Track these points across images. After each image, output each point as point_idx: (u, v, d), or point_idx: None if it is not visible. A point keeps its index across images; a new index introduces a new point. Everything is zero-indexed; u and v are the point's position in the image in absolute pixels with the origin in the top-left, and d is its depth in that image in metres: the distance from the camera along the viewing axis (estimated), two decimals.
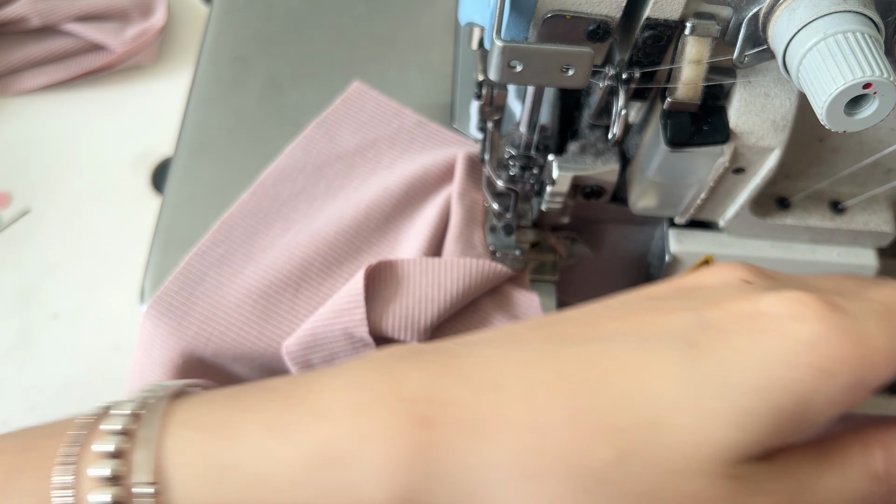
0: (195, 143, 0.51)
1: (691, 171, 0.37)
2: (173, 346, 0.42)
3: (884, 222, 0.41)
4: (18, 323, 0.73)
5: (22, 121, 0.85)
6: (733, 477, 0.23)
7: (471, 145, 0.49)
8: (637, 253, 0.47)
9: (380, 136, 0.50)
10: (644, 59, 0.33)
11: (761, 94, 0.35)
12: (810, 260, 0.42)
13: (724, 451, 0.23)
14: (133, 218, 0.79)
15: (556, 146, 0.42)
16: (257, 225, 0.46)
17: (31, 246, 0.75)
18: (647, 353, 0.23)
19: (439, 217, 0.45)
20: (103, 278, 0.76)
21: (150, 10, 0.92)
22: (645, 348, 0.23)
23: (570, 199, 0.42)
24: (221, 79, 0.53)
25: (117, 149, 0.85)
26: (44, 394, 0.71)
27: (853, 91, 0.25)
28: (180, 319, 0.42)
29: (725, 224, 0.41)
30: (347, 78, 0.53)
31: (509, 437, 0.23)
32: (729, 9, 0.31)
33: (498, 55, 0.29)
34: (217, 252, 0.45)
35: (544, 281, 0.45)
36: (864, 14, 0.26)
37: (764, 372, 0.23)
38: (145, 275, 0.46)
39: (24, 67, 0.88)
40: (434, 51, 0.55)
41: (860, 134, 0.38)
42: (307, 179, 0.48)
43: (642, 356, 0.23)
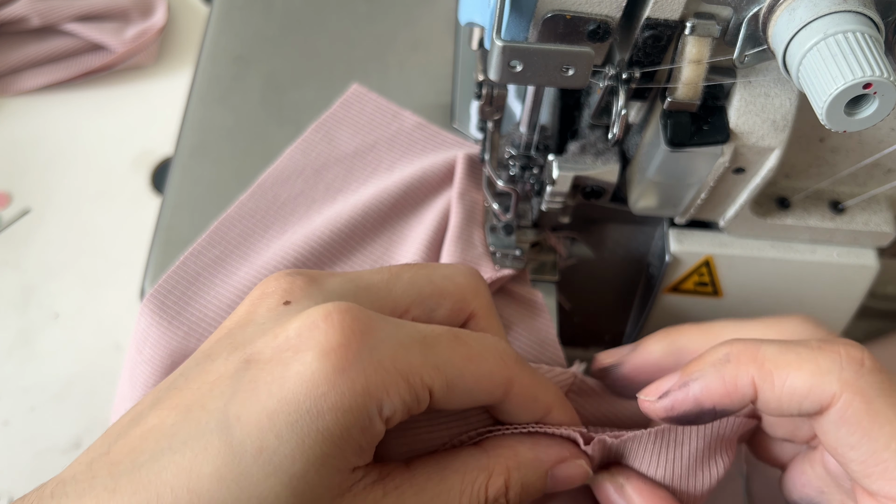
0: (195, 143, 0.51)
1: (691, 171, 0.37)
2: (164, 345, 0.42)
3: (884, 222, 0.41)
4: (18, 323, 0.73)
5: (22, 121, 0.85)
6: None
7: (471, 146, 0.49)
8: (637, 253, 0.47)
9: (379, 138, 0.50)
10: (644, 59, 0.33)
11: (761, 94, 0.35)
12: (810, 260, 0.42)
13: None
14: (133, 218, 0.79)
15: (556, 146, 0.42)
16: (254, 227, 0.46)
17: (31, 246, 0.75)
18: (191, 455, 0.24)
19: (439, 218, 0.45)
20: (103, 278, 0.76)
21: (150, 10, 0.92)
22: (188, 447, 0.24)
23: (570, 199, 0.42)
24: (221, 79, 0.53)
25: (117, 149, 0.85)
26: (44, 394, 0.71)
27: (853, 91, 0.25)
28: (171, 319, 0.42)
29: (725, 224, 0.41)
30: (347, 78, 0.53)
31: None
32: (729, 9, 0.31)
33: (498, 55, 0.29)
34: (212, 253, 0.45)
35: (544, 281, 0.45)
36: (864, 14, 0.26)
37: (277, 419, 0.24)
38: (145, 275, 0.46)
39: (24, 67, 0.88)
40: (434, 51, 0.55)
41: (860, 134, 0.38)
42: (306, 182, 0.48)
43: (189, 459, 0.24)
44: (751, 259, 0.42)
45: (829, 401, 0.26)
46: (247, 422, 0.24)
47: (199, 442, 0.24)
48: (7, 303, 0.72)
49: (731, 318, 0.32)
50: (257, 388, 0.24)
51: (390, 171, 0.48)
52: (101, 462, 0.25)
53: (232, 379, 0.25)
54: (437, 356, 0.26)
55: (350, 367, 0.24)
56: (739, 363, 0.27)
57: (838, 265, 0.42)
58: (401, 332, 0.26)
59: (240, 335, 0.27)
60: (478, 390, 0.27)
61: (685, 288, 0.44)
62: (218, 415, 0.24)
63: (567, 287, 0.47)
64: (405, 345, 0.26)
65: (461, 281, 0.31)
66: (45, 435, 0.69)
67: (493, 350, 0.28)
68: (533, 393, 0.29)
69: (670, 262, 0.42)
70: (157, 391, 0.27)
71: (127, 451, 0.25)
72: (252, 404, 0.24)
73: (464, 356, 0.27)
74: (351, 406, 0.24)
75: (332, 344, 0.24)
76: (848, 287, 0.43)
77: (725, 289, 0.43)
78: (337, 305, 0.26)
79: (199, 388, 0.25)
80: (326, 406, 0.24)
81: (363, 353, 0.25)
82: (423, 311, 0.30)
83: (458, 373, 0.26)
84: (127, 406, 0.44)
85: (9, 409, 0.70)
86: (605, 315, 0.50)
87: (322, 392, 0.24)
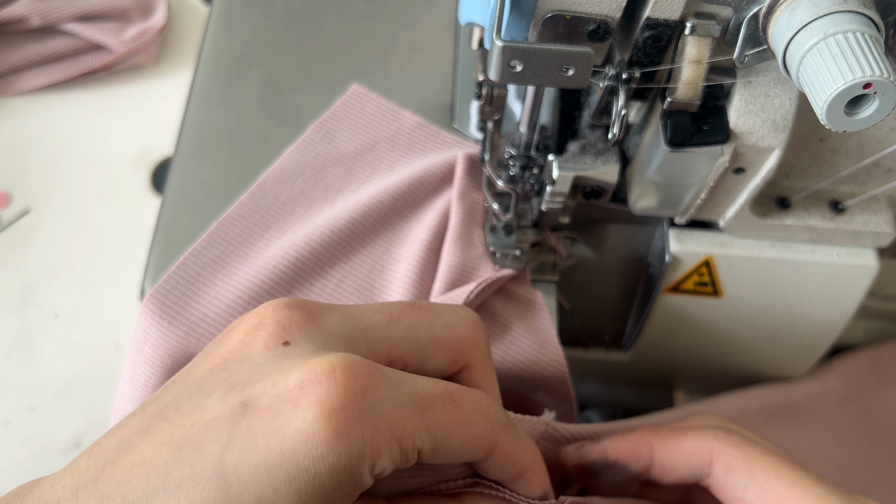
0: (195, 143, 0.51)
1: (691, 171, 0.37)
2: (164, 345, 0.42)
3: (884, 222, 0.41)
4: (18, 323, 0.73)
5: (22, 121, 0.85)
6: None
7: (471, 146, 0.49)
8: (637, 253, 0.47)
9: (379, 138, 0.50)
10: (644, 59, 0.33)
11: (761, 94, 0.35)
12: (810, 260, 0.42)
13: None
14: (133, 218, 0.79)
15: (556, 146, 0.42)
16: (254, 227, 0.46)
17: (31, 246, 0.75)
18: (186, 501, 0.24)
19: (439, 218, 0.45)
20: (103, 278, 0.76)
21: (150, 10, 0.92)
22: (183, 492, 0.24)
23: (570, 199, 0.42)
24: (221, 79, 0.53)
25: (117, 149, 0.85)
26: (44, 394, 0.71)
27: (853, 91, 0.25)
28: (171, 319, 0.42)
29: (725, 224, 0.41)
30: (347, 78, 0.53)
31: None
32: (729, 9, 0.31)
33: (498, 55, 0.29)
34: (212, 253, 0.45)
35: (544, 281, 0.45)
36: (864, 14, 0.26)
37: (275, 475, 0.24)
38: (145, 275, 0.46)
39: (24, 67, 0.88)
40: (434, 51, 0.55)
41: (860, 134, 0.38)
42: (306, 182, 0.48)
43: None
44: (751, 259, 0.42)
45: (709, 456, 0.32)
46: (244, 474, 0.24)
47: (194, 488, 0.24)
48: (7, 303, 0.72)
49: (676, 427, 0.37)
50: (255, 438, 0.24)
51: (390, 171, 0.48)
52: (89, 491, 0.25)
53: (228, 423, 0.25)
54: (431, 420, 0.27)
55: (349, 430, 0.24)
56: (642, 432, 0.34)
57: (838, 265, 0.42)
58: (400, 393, 0.26)
59: (236, 372, 0.27)
60: (463, 452, 0.28)
61: (685, 288, 0.44)
62: (214, 461, 0.24)
63: (567, 287, 0.47)
64: (402, 407, 0.26)
65: (461, 331, 0.31)
66: (45, 435, 0.69)
67: (483, 414, 0.28)
68: (513, 456, 0.30)
69: (670, 262, 0.42)
70: (145, 414, 0.27)
71: (116, 484, 0.25)
72: (250, 456, 0.24)
73: (455, 420, 0.27)
74: (346, 467, 0.24)
75: (333, 404, 0.24)
76: (848, 287, 0.43)
77: (725, 289, 0.43)
78: (340, 360, 0.25)
79: (192, 426, 0.25)
80: (324, 466, 0.24)
81: (363, 415, 0.25)
82: (418, 358, 0.30)
83: (448, 436, 0.27)
84: (127, 406, 0.44)
85: (9, 409, 0.70)
86: (605, 315, 0.50)
87: (321, 453, 0.24)
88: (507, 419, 0.30)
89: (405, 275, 0.43)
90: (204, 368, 0.28)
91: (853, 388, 0.51)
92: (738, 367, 0.50)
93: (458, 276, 0.42)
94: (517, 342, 0.42)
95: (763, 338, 0.47)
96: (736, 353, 0.49)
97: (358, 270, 0.45)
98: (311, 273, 0.44)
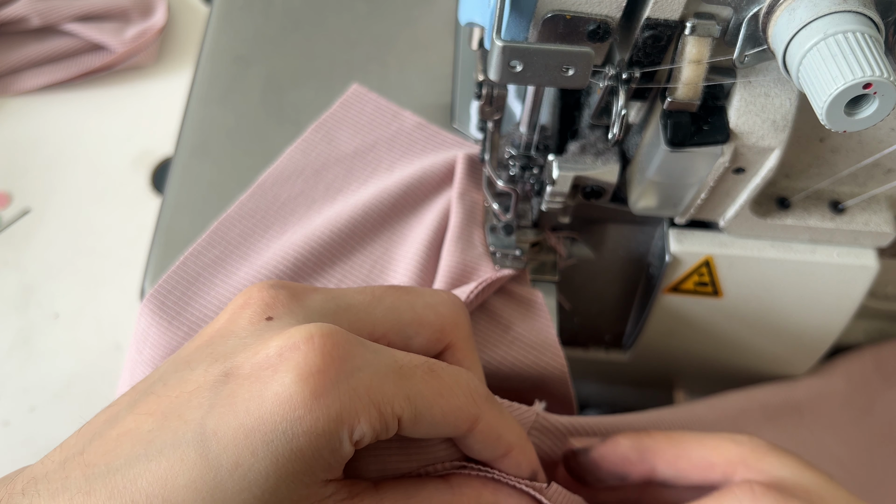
0: (195, 143, 0.51)
1: (691, 171, 0.37)
2: (164, 345, 0.42)
3: (884, 222, 0.41)
4: (18, 323, 0.73)
5: (22, 121, 0.85)
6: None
7: (471, 146, 0.49)
8: (637, 253, 0.47)
9: (379, 138, 0.50)
10: (644, 59, 0.33)
11: (761, 94, 0.35)
12: (810, 260, 0.42)
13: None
14: (133, 218, 0.79)
15: (556, 146, 0.42)
16: (254, 227, 0.46)
17: (31, 246, 0.75)
18: (167, 465, 0.24)
19: (439, 218, 0.45)
20: (103, 278, 0.76)
21: (150, 10, 0.92)
22: (164, 457, 0.24)
23: (570, 199, 0.42)
24: (221, 79, 0.53)
25: (117, 149, 0.85)
26: (44, 394, 0.71)
27: (853, 91, 0.25)
28: (171, 319, 0.42)
29: (725, 224, 0.41)
30: (347, 78, 0.53)
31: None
32: (729, 9, 0.31)
33: (498, 55, 0.29)
34: (212, 253, 0.45)
35: (544, 281, 0.45)
36: (864, 14, 0.26)
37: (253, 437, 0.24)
38: (145, 275, 0.46)
39: (24, 67, 0.88)
40: (434, 51, 0.55)
41: (860, 134, 0.38)
42: (306, 182, 0.48)
43: (165, 469, 0.24)
44: (751, 259, 0.42)
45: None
46: (223, 437, 0.24)
47: (175, 452, 0.24)
48: (7, 303, 0.72)
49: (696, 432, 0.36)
50: (235, 403, 0.25)
51: (390, 171, 0.48)
52: (76, 462, 0.25)
53: (210, 391, 0.25)
54: (411, 388, 0.27)
55: (326, 393, 0.25)
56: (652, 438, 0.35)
57: (838, 265, 0.42)
58: (378, 361, 0.27)
59: (220, 346, 0.27)
60: (444, 423, 0.28)
61: (685, 288, 0.44)
62: (195, 426, 0.25)
63: (567, 287, 0.47)
64: (381, 374, 0.26)
65: (443, 311, 0.32)
66: (45, 435, 0.69)
67: (464, 386, 0.29)
68: (497, 431, 0.30)
69: (670, 262, 0.42)
70: (134, 392, 0.27)
71: (102, 453, 0.25)
72: (229, 420, 0.25)
73: (435, 390, 0.27)
74: (324, 430, 0.25)
75: (311, 368, 0.25)
76: (848, 287, 0.43)
77: (725, 289, 0.43)
78: (319, 328, 0.26)
79: (177, 396, 0.26)
80: (301, 429, 0.24)
81: (340, 380, 0.25)
82: (400, 337, 0.31)
83: (428, 405, 0.27)
84: None
85: (9, 409, 0.70)
86: (605, 315, 0.50)
87: (298, 415, 0.24)
88: (490, 394, 0.30)
89: (405, 275, 0.43)
90: (191, 347, 0.28)
91: (856, 388, 0.51)
92: (738, 367, 0.50)
93: (458, 276, 0.42)
94: (517, 342, 0.42)
95: (763, 338, 0.47)
96: (736, 354, 0.49)
97: (358, 270, 0.45)
98: (311, 273, 0.44)
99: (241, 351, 0.26)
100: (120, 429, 0.26)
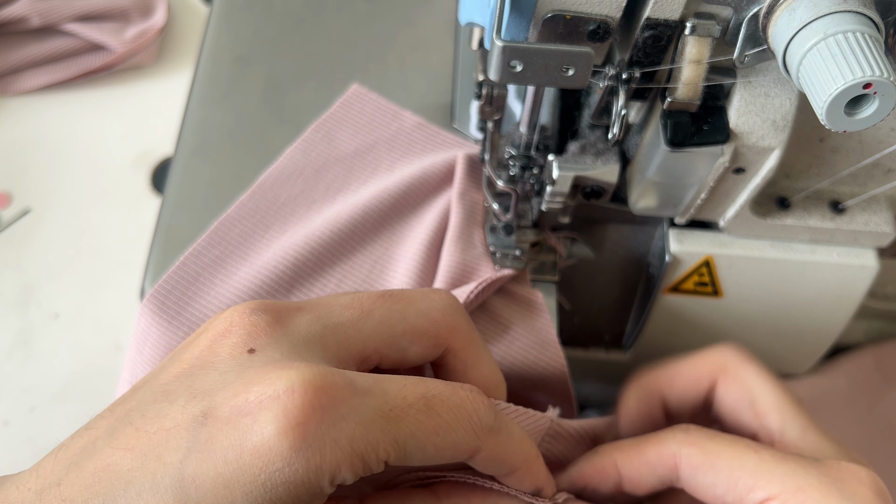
0: (195, 143, 0.51)
1: (691, 171, 0.37)
2: (164, 345, 0.42)
3: (884, 222, 0.41)
4: (18, 323, 0.73)
5: (22, 121, 0.85)
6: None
7: (471, 146, 0.49)
8: (637, 253, 0.47)
9: (379, 138, 0.50)
10: (644, 59, 0.33)
11: (761, 94, 0.35)
12: (810, 260, 0.42)
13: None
14: (133, 218, 0.79)
15: (556, 146, 0.42)
16: (254, 227, 0.46)
17: (31, 246, 0.75)
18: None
19: (439, 218, 0.45)
20: (103, 278, 0.76)
21: (150, 10, 0.92)
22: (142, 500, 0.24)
23: (570, 199, 0.42)
24: (221, 79, 0.53)
25: (117, 149, 0.85)
26: (44, 394, 0.71)
27: (853, 91, 0.25)
28: (171, 319, 0.42)
29: (725, 224, 0.41)
30: (347, 78, 0.53)
31: None
32: (729, 9, 0.31)
33: (498, 55, 0.29)
34: (212, 253, 0.45)
35: (544, 281, 0.45)
36: (864, 14, 0.26)
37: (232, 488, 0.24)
38: (145, 275, 0.46)
39: (24, 67, 0.88)
40: (434, 51, 0.55)
41: (860, 134, 0.38)
42: (306, 182, 0.48)
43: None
44: (751, 259, 0.42)
45: (673, 460, 0.32)
46: (202, 485, 0.24)
47: (153, 497, 0.24)
48: (7, 303, 0.72)
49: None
50: (213, 450, 0.25)
51: (390, 171, 0.48)
52: (52, 494, 0.25)
53: (188, 432, 0.25)
54: (400, 431, 0.26)
55: (306, 446, 0.24)
56: (605, 450, 0.34)
57: (838, 265, 0.42)
58: (365, 407, 0.26)
59: (200, 380, 0.27)
60: (439, 457, 0.27)
61: (685, 288, 0.44)
62: (173, 471, 0.24)
63: (567, 287, 0.47)
64: (366, 421, 0.25)
65: (437, 317, 0.31)
66: (45, 435, 0.69)
67: (465, 421, 0.27)
68: (500, 458, 0.29)
69: (670, 262, 0.42)
70: (112, 417, 0.27)
71: (79, 488, 0.25)
72: (207, 468, 0.24)
73: (430, 429, 0.27)
74: (303, 481, 0.24)
75: (290, 422, 0.24)
76: (848, 287, 0.43)
77: (725, 289, 0.43)
78: (301, 374, 0.25)
79: (155, 433, 0.26)
80: (280, 480, 0.24)
81: (321, 432, 0.25)
82: (394, 350, 0.30)
83: (420, 446, 0.26)
84: None
85: (9, 409, 0.70)
86: (605, 315, 0.50)
87: (277, 468, 0.24)
88: (494, 422, 0.28)
89: (405, 275, 0.43)
90: (170, 373, 0.28)
91: (857, 387, 0.51)
92: None
93: (458, 276, 0.42)
94: (517, 342, 0.42)
95: (763, 338, 0.47)
96: None
97: (358, 270, 0.45)
98: (311, 273, 0.44)
99: (220, 389, 0.26)
100: (98, 462, 0.25)
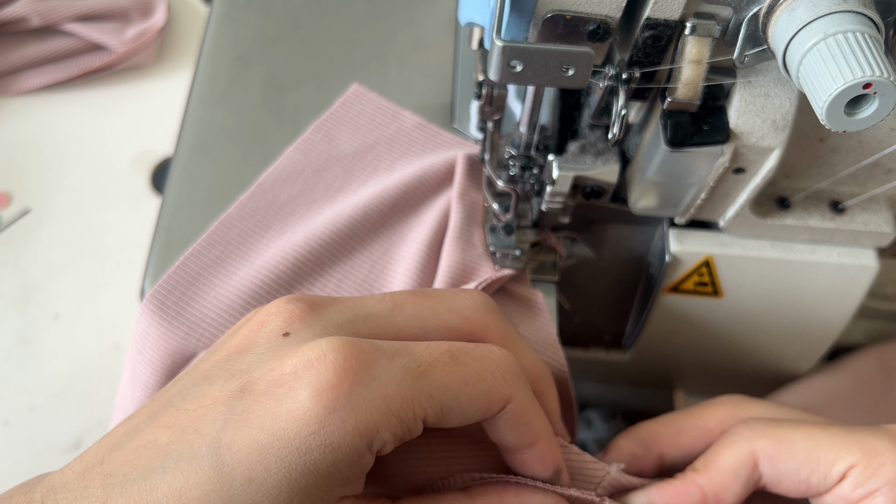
0: (195, 143, 0.51)
1: (691, 171, 0.37)
2: (164, 345, 0.42)
3: (884, 222, 0.41)
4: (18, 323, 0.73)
5: (22, 121, 0.85)
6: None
7: (471, 146, 0.49)
8: (637, 253, 0.47)
9: (379, 138, 0.50)
10: (644, 59, 0.33)
11: (761, 94, 0.35)
12: (810, 260, 0.42)
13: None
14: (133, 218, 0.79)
15: (556, 146, 0.42)
16: (254, 227, 0.46)
17: (31, 246, 0.75)
18: (182, 477, 0.25)
19: (439, 218, 0.45)
20: (103, 278, 0.76)
21: (150, 10, 0.92)
22: (180, 469, 0.25)
23: (570, 199, 0.42)
24: (221, 79, 0.53)
25: (117, 149, 0.85)
26: (44, 394, 0.71)
27: (853, 91, 0.25)
28: (171, 319, 0.42)
29: (725, 224, 0.41)
30: (347, 78, 0.53)
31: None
32: (729, 9, 0.31)
33: (498, 55, 0.29)
34: (212, 253, 0.45)
35: (544, 281, 0.45)
36: (864, 14, 0.26)
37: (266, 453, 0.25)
38: (145, 275, 0.46)
39: (24, 67, 0.88)
40: (434, 51, 0.55)
41: (860, 134, 0.38)
42: (306, 182, 0.48)
43: (180, 481, 0.25)
44: (751, 259, 0.42)
45: (751, 459, 0.32)
46: (237, 451, 0.25)
47: (190, 465, 0.25)
48: (7, 303, 0.72)
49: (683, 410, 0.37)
50: (250, 419, 0.25)
51: (390, 171, 0.48)
52: (95, 472, 0.26)
53: (226, 406, 0.26)
54: (432, 384, 0.26)
55: (341, 407, 0.25)
56: (686, 476, 0.33)
57: (838, 265, 0.42)
58: (395, 365, 0.26)
59: (238, 363, 0.28)
60: (474, 410, 0.28)
61: (685, 288, 0.44)
62: (210, 440, 0.25)
63: (567, 287, 0.47)
64: (398, 378, 0.26)
65: (469, 315, 0.31)
66: (45, 435, 0.69)
67: (493, 367, 0.28)
68: (528, 416, 0.29)
69: (670, 262, 0.42)
70: (154, 404, 0.28)
71: (121, 464, 0.25)
72: (243, 435, 0.25)
73: (460, 379, 0.27)
74: (339, 444, 0.25)
75: (324, 384, 0.25)
76: (848, 287, 0.43)
77: (725, 289, 0.43)
78: (331, 342, 0.26)
79: (194, 410, 0.26)
80: (315, 444, 0.25)
81: (354, 393, 0.25)
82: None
83: (454, 397, 0.27)
84: (128, 406, 0.44)
85: (9, 409, 0.70)
86: (605, 315, 0.50)
87: (311, 431, 0.25)
88: (522, 375, 0.29)
89: (405, 275, 0.43)
90: (210, 362, 0.29)
91: (861, 388, 0.51)
92: (739, 367, 0.50)
93: (458, 276, 0.42)
94: None
95: (763, 338, 0.47)
96: (736, 354, 0.49)
97: (358, 270, 0.45)
98: (311, 273, 0.44)
99: (257, 367, 0.27)
100: (139, 441, 0.26)
